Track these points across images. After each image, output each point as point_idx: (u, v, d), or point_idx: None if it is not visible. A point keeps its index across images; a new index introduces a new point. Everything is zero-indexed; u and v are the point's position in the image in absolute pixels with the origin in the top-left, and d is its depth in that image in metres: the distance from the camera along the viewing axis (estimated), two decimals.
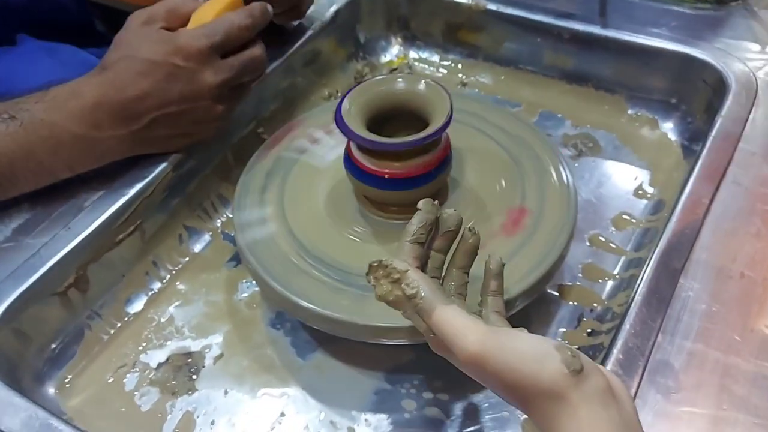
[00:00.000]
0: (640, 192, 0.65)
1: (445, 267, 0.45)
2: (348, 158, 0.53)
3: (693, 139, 0.67)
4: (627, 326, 0.46)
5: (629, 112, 0.72)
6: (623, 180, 0.67)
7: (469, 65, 0.79)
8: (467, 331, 0.37)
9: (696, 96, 0.67)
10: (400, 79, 0.54)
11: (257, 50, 0.60)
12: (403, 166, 0.52)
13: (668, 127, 0.70)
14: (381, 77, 0.54)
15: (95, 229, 0.55)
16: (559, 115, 0.73)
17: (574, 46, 0.72)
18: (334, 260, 0.53)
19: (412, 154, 0.52)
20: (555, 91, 0.75)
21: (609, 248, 0.61)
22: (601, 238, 0.62)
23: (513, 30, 0.75)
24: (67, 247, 0.54)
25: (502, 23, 0.75)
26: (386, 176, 0.52)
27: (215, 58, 0.57)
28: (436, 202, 0.44)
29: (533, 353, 0.35)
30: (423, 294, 0.39)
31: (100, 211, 0.56)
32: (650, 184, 0.66)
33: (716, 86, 0.64)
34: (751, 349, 0.44)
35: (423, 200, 0.43)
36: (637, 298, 0.47)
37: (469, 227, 0.44)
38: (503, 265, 0.43)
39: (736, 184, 0.54)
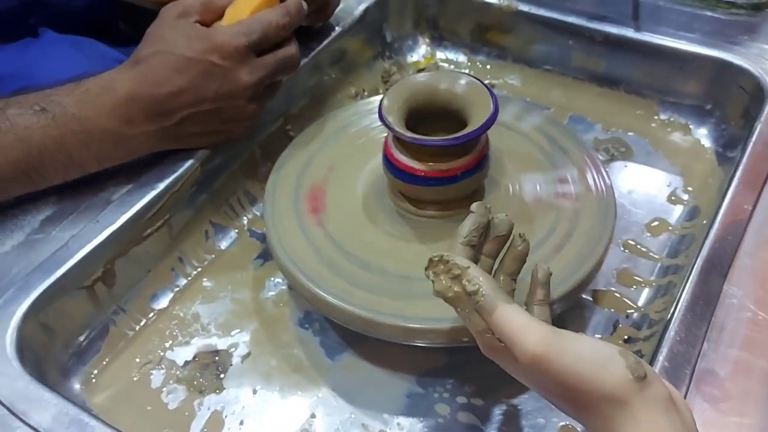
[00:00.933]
0: (674, 198, 0.64)
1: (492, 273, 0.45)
2: (385, 155, 0.53)
3: (728, 145, 0.66)
4: (672, 333, 0.45)
5: (661, 117, 0.71)
6: (656, 185, 0.66)
7: (498, 66, 0.78)
8: (529, 330, 0.36)
9: (731, 102, 0.66)
10: (443, 76, 0.53)
11: (292, 49, 0.59)
12: (441, 163, 0.51)
13: (702, 133, 0.69)
14: (424, 74, 0.53)
15: (124, 223, 0.55)
16: (590, 119, 0.72)
17: (605, 49, 0.72)
18: (368, 258, 0.52)
19: (452, 153, 0.51)
20: (585, 95, 0.74)
21: (644, 254, 0.60)
22: (636, 244, 0.61)
23: (544, 31, 0.74)
24: (96, 240, 0.53)
25: (533, 24, 0.74)
26: (423, 174, 0.51)
27: (252, 56, 0.56)
28: (489, 205, 0.43)
29: (597, 357, 0.35)
30: (484, 291, 0.38)
31: (129, 205, 0.56)
32: (684, 190, 0.65)
33: (754, 92, 0.63)
34: None
35: (476, 203, 0.43)
36: (681, 304, 0.46)
37: (520, 234, 0.43)
38: (550, 274, 0.42)
39: None
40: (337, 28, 0.73)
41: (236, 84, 0.55)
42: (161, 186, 0.57)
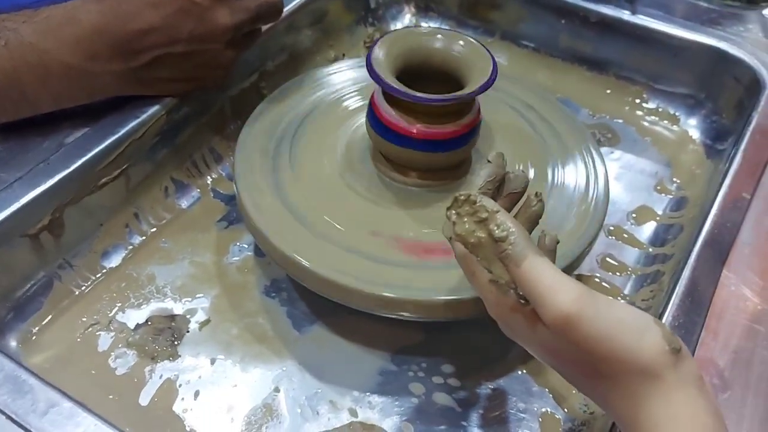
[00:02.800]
0: (660, 187, 0.62)
1: None
2: (372, 111, 0.49)
3: (718, 138, 0.65)
4: (669, 318, 0.42)
5: (650, 105, 0.69)
6: (643, 174, 0.64)
7: (484, 43, 0.72)
8: (563, 287, 0.32)
9: (725, 93, 0.64)
10: (439, 35, 0.49)
11: None
12: (432, 125, 0.47)
13: (691, 124, 0.67)
14: (419, 28, 0.50)
15: (78, 167, 0.49)
16: (576, 103, 0.70)
17: (598, 31, 0.69)
18: (345, 223, 0.48)
19: (444, 115, 0.47)
20: (573, 77, 0.72)
21: (629, 241, 0.58)
22: (622, 231, 0.58)
23: (535, 9, 0.71)
24: (45, 184, 0.48)
25: (524, 0, 0.71)
26: (413, 135, 0.47)
27: None
28: (506, 157, 0.40)
29: (633, 324, 0.32)
30: (514, 239, 0.34)
31: (84, 149, 0.51)
32: (671, 181, 0.63)
33: (750, 84, 0.61)
34: None
35: (494, 153, 0.40)
36: (679, 289, 0.44)
37: (536, 193, 0.39)
38: (558, 242, 0.38)
39: None
40: None
41: (213, 25, 0.51)
42: (121, 131, 0.52)
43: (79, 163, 0.50)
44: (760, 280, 0.45)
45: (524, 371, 0.49)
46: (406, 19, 0.78)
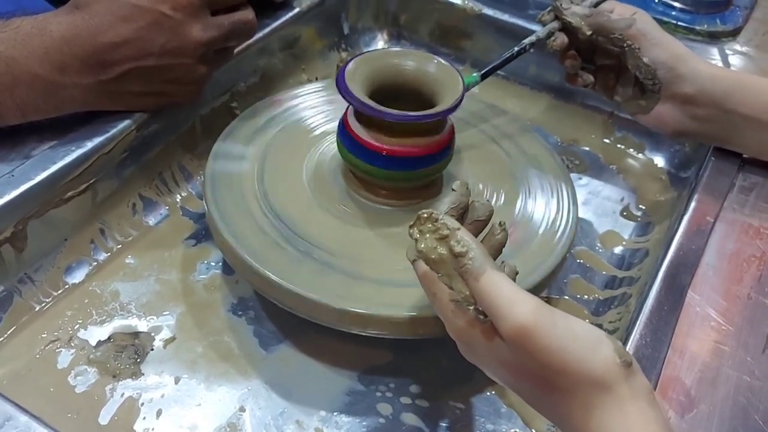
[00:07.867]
0: (626, 213, 0.63)
1: None
2: (343, 129, 0.49)
3: (681, 166, 0.66)
4: (637, 336, 0.42)
5: (617, 134, 0.70)
6: (609, 199, 0.65)
7: None
8: (519, 300, 0.33)
9: None
10: (411, 55, 0.50)
11: (249, 14, 0.55)
12: (402, 144, 0.48)
13: (655, 153, 0.68)
14: (392, 50, 0.50)
15: (44, 180, 0.49)
16: (544, 130, 0.71)
17: None
18: (315, 240, 0.48)
19: (414, 133, 0.48)
20: (542, 106, 0.73)
21: (597, 265, 0.58)
22: (589, 255, 0.59)
23: (505, 38, 0.73)
24: (9, 196, 0.47)
25: (495, 30, 0.73)
26: (382, 152, 0.48)
27: (206, 12, 0.52)
28: (469, 185, 0.40)
29: (587, 337, 0.33)
30: (473, 254, 0.35)
31: (50, 162, 0.50)
32: (636, 207, 0.64)
33: None
34: (763, 371, 0.42)
35: (458, 182, 0.40)
36: (646, 308, 0.44)
37: (500, 222, 0.40)
38: (517, 273, 0.39)
39: (739, 205, 0.53)
40: (294, 9, 0.69)
41: (186, 40, 0.51)
42: (89, 145, 0.51)
43: (45, 175, 0.49)
44: (724, 301, 0.45)
45: (492, 392, 0.48)
46: (379, 45, 0.79)
